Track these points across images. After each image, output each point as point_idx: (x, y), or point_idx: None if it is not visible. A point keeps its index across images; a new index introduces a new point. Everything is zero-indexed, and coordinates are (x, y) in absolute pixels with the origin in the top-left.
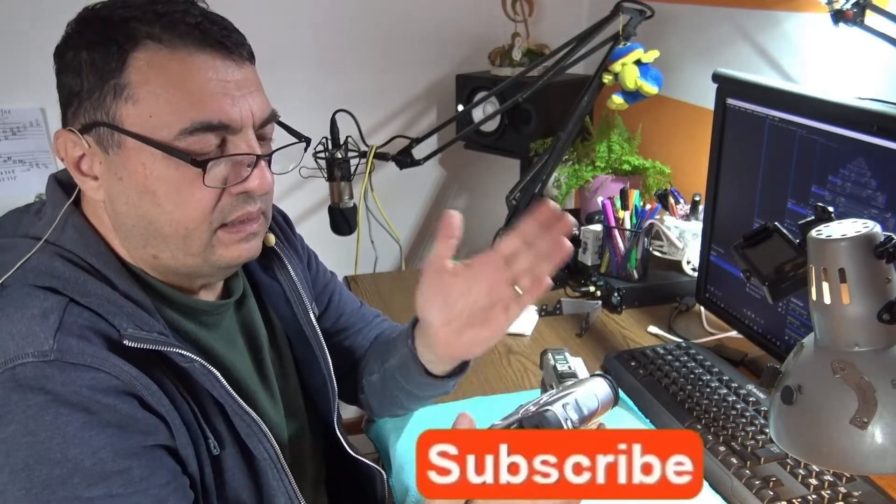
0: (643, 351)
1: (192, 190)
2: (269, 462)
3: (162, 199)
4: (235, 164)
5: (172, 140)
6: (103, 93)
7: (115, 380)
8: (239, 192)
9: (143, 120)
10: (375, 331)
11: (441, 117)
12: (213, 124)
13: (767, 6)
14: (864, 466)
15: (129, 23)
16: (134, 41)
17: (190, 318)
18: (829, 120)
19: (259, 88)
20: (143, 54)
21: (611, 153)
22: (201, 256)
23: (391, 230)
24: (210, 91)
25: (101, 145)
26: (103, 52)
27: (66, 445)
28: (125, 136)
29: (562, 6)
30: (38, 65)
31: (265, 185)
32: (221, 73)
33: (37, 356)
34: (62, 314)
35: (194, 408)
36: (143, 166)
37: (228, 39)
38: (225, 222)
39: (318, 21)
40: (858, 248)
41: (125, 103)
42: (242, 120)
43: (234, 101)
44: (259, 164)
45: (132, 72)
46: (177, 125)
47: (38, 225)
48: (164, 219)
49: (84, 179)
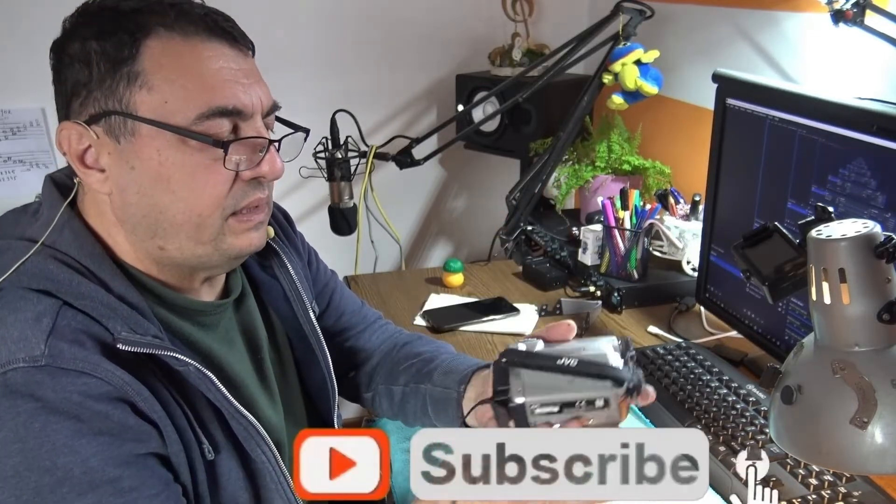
0: (643, 351)
1: (207, 175)
2: (267, 465)
3: (176, 186)
4: (247, 150)
5: (189, 125)
6: (115, 81)
7: (106, 385)
8: (251, 177)
9: (159, 106)
10: (379, 332)
11: (441, 117)
12: (228, 109)
13: (767, 6)
14: (864, 466)
15: (139, 12)
16: (146, 29)
17: (187, 319)
18: (829, 120)
19: (262, 79)
20: (156, 42)
21: (611, 153)
22: (212, 244)
23: (391, 230)
24: (223, 77)
25: (111, 135)
26: (115, 40)
27: (55, 453)
28: (139, 124)
29: (562, 6)
30: (38, 65)
31: (276, 169)
32: (231, 61)
33: (28, 361)
34: (55, 318)
35: (188, 412)
36: (158, 153)
37: (234, 30)
38: (236, 210)
39: (319, 21)
40: (858, 248)
41: (139, 90)
42: (253, 106)
43: (245, 88)
44: (270, 149)
45: (146, 59)
46: (193, 110)
47: (34, 226)
48: (177, 206)
49: (88, 172)
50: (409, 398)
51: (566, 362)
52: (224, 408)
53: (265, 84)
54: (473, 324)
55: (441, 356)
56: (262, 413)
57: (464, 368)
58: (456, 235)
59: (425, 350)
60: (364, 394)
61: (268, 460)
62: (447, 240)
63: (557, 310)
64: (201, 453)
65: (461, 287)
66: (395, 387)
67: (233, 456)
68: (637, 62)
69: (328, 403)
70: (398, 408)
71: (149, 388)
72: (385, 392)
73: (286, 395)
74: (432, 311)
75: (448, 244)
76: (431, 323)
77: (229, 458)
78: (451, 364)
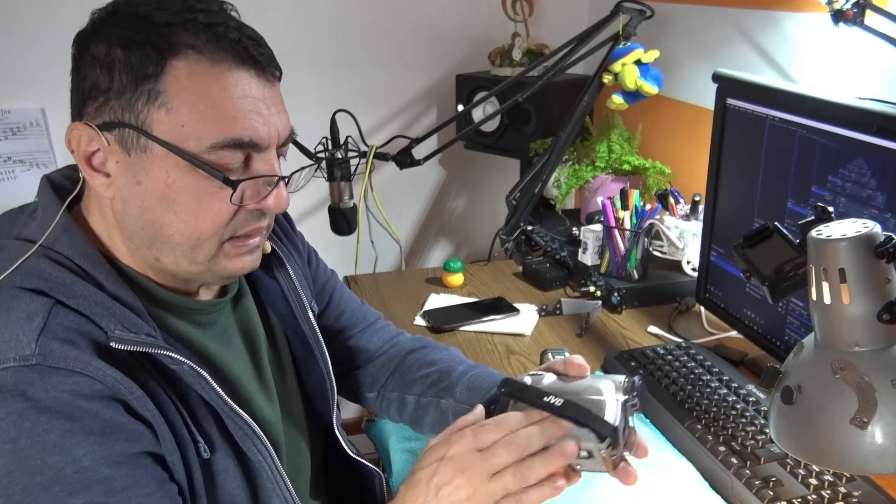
0: (643, 351)
1: (212, 202)
2: (264, 464)
3: (179, 208)
4: (255, 183)
5: (202, 152)
6: (136, 95)
7: (98, 384)
8: (255, 209)
9: (174, 129)
10: (380, 333)
11: (441, 117)
12: (244, 142)
13: (767, 6)
14: (864, 466)
15: (171, 28)
16: (175, 49)
17: (183, 318)
18: (829, 120)
19: (284, 107)
20: (183, 63)
21: (611, 153)
22: (205, 265)
23: (391, 230)
24: (244, 108)
25: (122, 146)
26: (141, 54)
27: (46, 453)
28: (152, 142)
29: (562, 6)
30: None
31: (281, 203)
32: (256, 90)
33: (18, 360)
34: (47, 316)
35: (183, 411)
36: (167, 174)
37: (263, 57)
38: (234, 235)
39: (319, 21)
40: (858, 248)
41: (158, 110)
42: (270, 138)
43: (265, 119)
44: (279, 184)
45: (169, 79)
46: (208, 139)
47: (31, 226)
48: (177, 227)
49: (94, 175)
50: (427, 410)
51: (552, 400)
52: (219, 407)
53: (285, 113)
54: (473, 324)
55: (458, 368)
56: (259, 412)
57: (488, 386)
58: (456, 235)
59: (439, 359)
60: (367, 394)
61: (264, 459)
62: (447, 240)
63: (557, 310)
64: (197, 452)
65: (461, 287)
66: (408, 395)
67: (229, 455)
68: (637, 62)
69: (327, 404)
70: (411, 417)
71: (143, 386)
72: (397, 399)
73: (284, 395)
74: (432, 311)
75: (448, 244)
76: (431, 323)
77: (225, 456)
78: (475, 380)
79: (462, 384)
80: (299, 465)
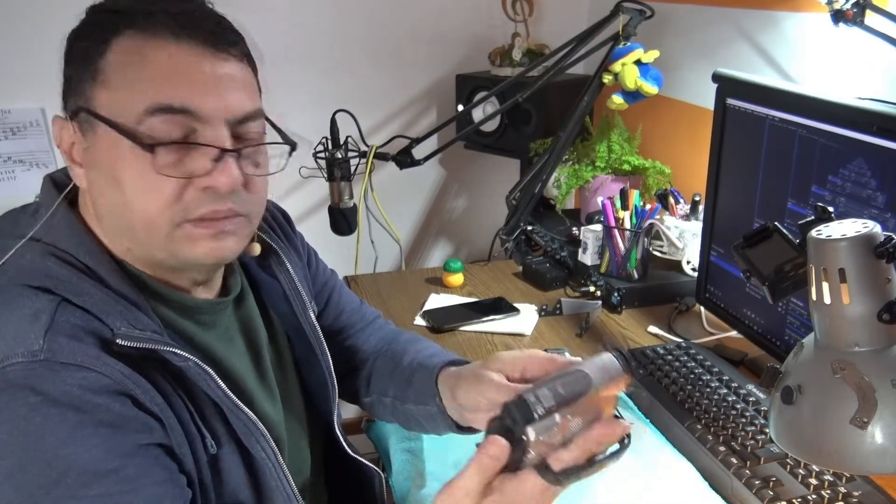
0: (643, 351)
1: (153, 178)
2: (268, 461)
3: (126, 188)
4: (201, 158)
5: (135, 124)
6: (83, 78)
7: (106, 379)
8: (204, 186)
9: (111, 103)
10: (378, 333)
11: (441, 117)
12: (174, 107)
13: (767, 6)
14: (864, 466)
15: (121, 13)
16: (116, 28)
17: (186, 317)
18: (829, 120)
19: (243, 88)
20: (124, 39)
21: (611, 153)
22: (166, 251)
23: (391, 230)
24: (178, 75)
25: (83, 132)
26: (88, 39)
27: (58, 445)
28: (97, 121)
29: (562, 6)
30: (38, 65)
31: (229, 181)
32: (198, 63)
33: (26, 356)
34: (53, 314)
35: (190, 407)
36: (109, 152)
37: (215, 35)
38: (189, 218)
39: (319, 21)
40: (858, 248)
41: (99, 88)
42: (213, 110)
43: (207, 89)
44: (225, 159)
45: (109, 56)
46: (139, 106)
47: (34, 225)
48: (130, 209)
49: (73, 167)
50: (399, 414)
51: None
52: (224, 403)
53: (245, 92)
54: (473, 324)
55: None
56: (262, 410)
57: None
58: (456, 235)
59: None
60: (363, 398)
61: (267, 457)
62: (447, 240)
63: (557, 310)
64: (204, 447)
65: (461, 287)
66: (385, 398)
67: (234, 451)
68: (637, 62)
69: (328, 403)
70: (393, 417)
71: (150, 381)
72: (378, 401)
73: (285, 394)
74: (432, 311)
75: (448, 244)
76: (431, 323)
77: (231, 453)
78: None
79: (412, 387)
80: (300, 463)
